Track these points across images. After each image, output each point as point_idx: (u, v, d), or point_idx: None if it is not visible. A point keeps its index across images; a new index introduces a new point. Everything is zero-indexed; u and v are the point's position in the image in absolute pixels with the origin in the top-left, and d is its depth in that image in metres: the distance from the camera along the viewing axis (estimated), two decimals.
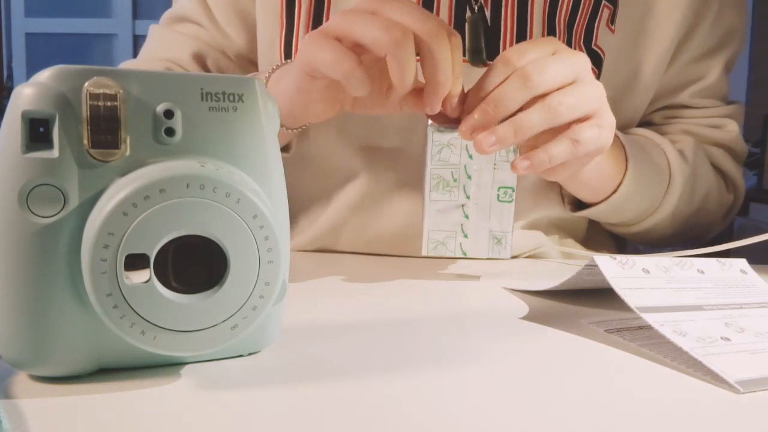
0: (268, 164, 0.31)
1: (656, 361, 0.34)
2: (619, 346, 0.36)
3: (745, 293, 0.41)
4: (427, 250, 0.52)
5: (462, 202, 0.51)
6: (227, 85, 0.30)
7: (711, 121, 0.70)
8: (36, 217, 0.27)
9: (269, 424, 0.26)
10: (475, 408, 0.28)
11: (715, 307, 0.38)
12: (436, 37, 0.44)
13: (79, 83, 0.28)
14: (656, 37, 0.64)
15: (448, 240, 0.52)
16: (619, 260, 0.40)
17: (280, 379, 0.31)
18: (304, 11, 0.61)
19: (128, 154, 0.28)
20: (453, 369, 0.32)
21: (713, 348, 0.32)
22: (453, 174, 0.51)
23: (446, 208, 0.51)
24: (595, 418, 0.28)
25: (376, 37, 0.43)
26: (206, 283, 0.28)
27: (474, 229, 0.52)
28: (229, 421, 0.26)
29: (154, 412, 0.27)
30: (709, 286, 0.40)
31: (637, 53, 0.65)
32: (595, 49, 0.62)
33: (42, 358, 0.29)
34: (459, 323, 0.41)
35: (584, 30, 0.62)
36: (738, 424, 0.27)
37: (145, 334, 0.27)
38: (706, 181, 0.67)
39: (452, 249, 0.52)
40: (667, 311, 0.36)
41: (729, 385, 0.30)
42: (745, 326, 0.36)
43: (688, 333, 0.34)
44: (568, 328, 0.40)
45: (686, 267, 0.41)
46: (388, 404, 0.28)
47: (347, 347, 0.35)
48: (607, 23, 0.62)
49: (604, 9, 0.62)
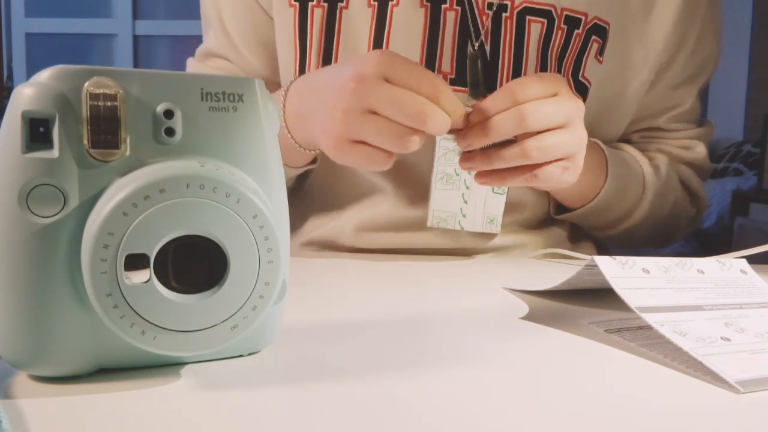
0: (268, 164, 0.31)
1: (656, 361, 0.34)
2: (619, 346, 0.36)
3: (745, 293, 0.41)
4: (431, 222, 0.63)
5: (462, 191, 0.61)
6: (227, 85, 0.30)
7: (682, 143, 0.77)
8: (36, 217, 0.27)
9: (269, 424, 0.26)
10: (475, 408, 0.28)
11: (715, 307, 0.38)
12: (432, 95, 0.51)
13: (79, 83, 0.28)
14: (640, 66, 0.70)
15: (449, 218, 0.63)
16: (619, 260, 0.40)
17: (280, 379, 0.31)
18: (315, 40, 0.66)
19: (128, 154, 0.28)
20: (453, 369, 0.32)
21: (713, 348, 0.32)
22: (456, 170, 0.60)
23: (449, 196, 0.62)
24: (595, 418, 0.28)
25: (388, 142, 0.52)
26: (206, 283, 0.28)
27: (471, 212, 0.62)
28: (229, 421, 0.26)
29: (154, 412, 0.27)
30: (709, 287, 0.40)
31: (622, 80, 0.70)
32: (582, 80, 0.68)
33: (42, 358, 0.29)
34: (459, 323, 0.41)
35: (573, 63, 0.67)
36: (738, 424, 0.27)
37: (145, 334, 0.27)
38: (673, 194, 0.75)
39: (452, 224, 0.63)
40: (667, 311, 0.36)
41: (729, 385, 0.30)
42: (745, 326, 0.36)
43: (688, 333, 0.34)
44: (568, 328, 0.40)
45: (686, 267, 0.41)
46: (388, 404, 0.28)
47: (347, 347, 0.35)
48: (596, 55, 0.68)
49: (593, 43, 0.67)
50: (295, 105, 0.59)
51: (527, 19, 0.65)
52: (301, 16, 0.66)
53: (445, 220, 0.62)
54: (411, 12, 0.64)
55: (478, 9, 0.65)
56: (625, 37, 0.68)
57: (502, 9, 0.64)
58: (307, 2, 0.65)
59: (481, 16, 0.65)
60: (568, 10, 0.66)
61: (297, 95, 0.59)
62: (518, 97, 0.52)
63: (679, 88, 0.74)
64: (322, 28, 0.65)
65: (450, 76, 0.66)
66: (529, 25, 0.65)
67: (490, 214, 0.62)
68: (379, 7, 0.64)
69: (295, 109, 0.59)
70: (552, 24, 0.65)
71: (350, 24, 0.65)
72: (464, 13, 0.65)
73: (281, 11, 0.66)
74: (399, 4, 0.64)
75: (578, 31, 0.66)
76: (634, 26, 0.68)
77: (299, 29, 0.66)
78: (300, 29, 0.66)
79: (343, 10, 0.65)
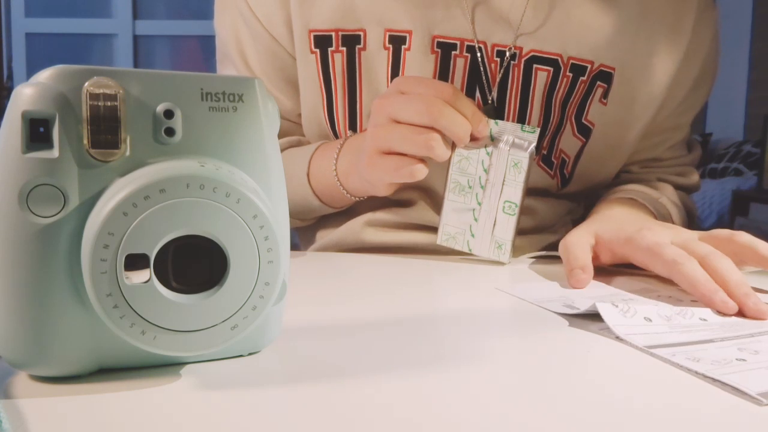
0: (268, 164, 0.31)
1: (667, 363, 0.34)
2: (628, 349, 0.36)
3: (754, 325, 0.40)
4: (441, 240, 0.61)
5: (473, 207, 0.60)
6: (227, 85, 0.30)
7: (678, 170, 0.80)
8: (36, 217, 0.27)
9: (269, 424, 0.26)
10: (475, 408, 0.28)
11: (726, 339, 0.37)
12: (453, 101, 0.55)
13: (79, 83, 0.28)
14: (644, 107, 0.71)
15: (458, 236, 0.61)
16: (620, 308, 0.40)
17: (280, 379, 0.31)
18: (339, 83, 0.68)
19: (128, 154, 0.28)
20: (453, 369, 0.32)
21: (729, 368, 0.32)
22: (469, 182, 0.59)
23: (460, 209, 0.60)
24: (598, 420, 0.27)
25: (420, 122, 0.55)
26: (206, 283, 0.28)
27: (480, 231, 0.60)
28: (229, 421, 0.26)
29: (154, 412, 0.27)
30: (716, 327, 0.39)
31: (627, 122, 0.71)
32: (586, 122, 0.70)
33: (42, 358, 0.29)
34: (459, 323, 0.41)
35: (577, 106, 0.70)
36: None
37: (145, 334, 0.27)
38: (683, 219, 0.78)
39: (461, 244, 0.61)
40: (677, 346, 0.35)
41: (751, 397, 0.29)
42: (759, 349, 0.35)
43: (702, 359, 0.33)
44: (569, 327, 0.40)
45: (687, 316, 0.41)
46: (388, 404, 0.28)
47: (347, 347, 0.35)
48: (600, 99, 0.70)
49: (598, 88, 0.69)
50: (347, 160, 0.63)
51: (534, 67, 0.67)
52: (323, 62, 0.68)
53: (454, 238, 0.61)
54: (422, 57, 0.66)
55: (487, 57, 0.66)
56: (629, 81, 0.69)
57: (511, 57, 0.66)
58: (327, 48, 0.67)
59: (490, 63, 0.67)
60: (574, 59, 0.67)
61: (351, 150, 0.63)
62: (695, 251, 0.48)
63: (680, 119, 0.76)
64: (344, 70, 0.67)
65: None
66: (536, 73, 0.67)
67: (499, 239, 0.59)
68: (394, 50, 0.66)
69: (346, 163, 0.63)
70: (558, 72, 0.67)
71: (369, 65, 0.67)
72: (474, 60, 0.66)
73: (303, 57, 0.68)
74: (411, 49, 0.66)
75: (583, 78, 0.68)
76: (638, 70, 0.69)
77: (323, 73, 0.68)
78: (324, 74, 0.68)
79: (361, 52, 0.67)
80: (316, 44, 0.67)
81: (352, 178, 0.63)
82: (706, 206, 3.17)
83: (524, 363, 0.34)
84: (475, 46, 0.66)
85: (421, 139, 0.54)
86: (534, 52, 0.66)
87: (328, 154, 0.66)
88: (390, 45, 0.66)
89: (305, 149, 0.70)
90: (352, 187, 0.64)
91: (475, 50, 0.66)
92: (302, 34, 0.67)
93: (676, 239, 0.50)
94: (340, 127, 0.69)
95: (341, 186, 0.64)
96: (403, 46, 0.66)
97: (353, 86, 0.68)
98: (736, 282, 0.44)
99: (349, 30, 0.67)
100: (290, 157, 0.70)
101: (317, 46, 0.67)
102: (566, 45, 0.67)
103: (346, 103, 0.68)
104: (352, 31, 0.67)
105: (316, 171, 0.67)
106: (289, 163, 0.68)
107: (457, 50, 0.66)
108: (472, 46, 0.66)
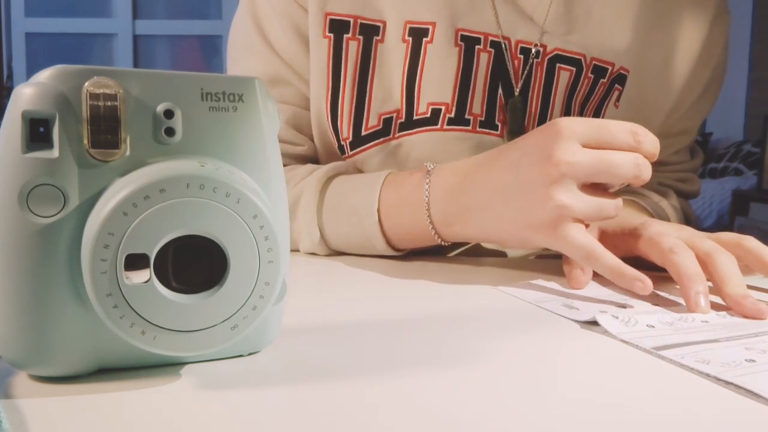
0: (268, 164, 0.31)
1: (677, 365, 0.33)
2: (632, 350, 0.36)
3: (755, 325, 0.40)
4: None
5: None
6: (227, 84, 0.30)
7: (680, 176, 0.80)
8: (36, 217, 0.27)
9: (269, 424, 0.26)
10: (475, 408, 0.28)
11: (731, 338, 0.37)
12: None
13: (79, 83, 0.28)
14: (654, 112, 0.71)
15: None
16: (621, 319, 0.40)
17: (280, 379, 0.31)
18: (350, 73, 0.65)
19: (128, 154, 0.28)
20: (453, 369, 0.32)
21: (740, 370, 0.32)
22: None
23: None
24: (600, 421, 0.27)
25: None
26: (206, 283, 0.28)
27: None
28: (229, 421, 0.26)
29: (154, 412, 0.27)
30: (719, 327, 0.39)
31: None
32: None
33: (42, 358, 0.29)
34: (459, 323, 0.41)
35: (594, 109, 0.69)
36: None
37: (145, 334, 0.27)
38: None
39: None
40: (684, 346, 0.35)
41: (765, 400, 0.29)
42: (766, 348, 0.35)
43: (711, 360, 0.33)
44: (570, 328, 0.40)
45: (689, 321, 0.41)
46: (388, 404, 0.28)
47: (347, 347, 0.35)
48: (615, 102, 0.70)
49: (615, 91, 0.69)
50: (453, 204, 0.53)
51: (557, 66, 0.66)
52: (336, 48, 0.65)
53: None
54: (445, 50, 0.64)
55: (510, 53, 0.65)
56: (642, 84, 0.69)
57: (535, 55, 0.66)
58: (342, 34, 0.65)
59: (513, 60, 0.66)
60: (597, 60, 0.67)
61: (452, 194, 0.54)
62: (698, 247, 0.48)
63: (688, 124, 0.76)
64: (357, 60, 0.65)
65: (480, 118, 0.66)
66: (559, 72, 0.67)
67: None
68: (414, 43, 0.65)
69: (452, 209, 0.53)
70: (580, 72, 0.67)
71: (385, 58, 0.65)
72: (497, 56, 0.65)
73: (315, 41, 0.66)
74: (433, 42, 0.64)
75: (603, 80, 0.68)
76: (651, 73, 0.69)
77: (333, 61, 0.65)
78: (334, 61, 0.65)
79: (378, 44, 0.65)
80: (331, 28, 0.64)
81: (458, 226, 0.53)
82: (706, 206, 3.17)
83: (524, 363, 0.34)
84: (500, 42, 0.65)
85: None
86: (558, 50, 0.66)
87: (407, 192, 0.56)
88: (409, 38, 0.64)
89: (366, 178, 0.61)
90: (451, 233, 0.55)
91: (499, 45, 0.65)
92: (317, 15, 0.64)
93: (682, 234, 0.50)
94: (343, 125, 0.67)
95: (437, 236, 0.56)
96: (425, 38, 0.64)
97: (364, 80, 0.65)
98: (735, 282, 0.44)
99: (369, 19, 0.65)
100: (345, 184, 0.62)
101: (331, 31, 0.64)
102: (589, 45, 0.66)
103: (354, 97, 0.66)
104: (371, 21, 0.65)
105: (392, 210, 0.57)
106: (344, 192, 0.61)
107: (481, 45, 0.65)
108: (496, 42, 0.65)
